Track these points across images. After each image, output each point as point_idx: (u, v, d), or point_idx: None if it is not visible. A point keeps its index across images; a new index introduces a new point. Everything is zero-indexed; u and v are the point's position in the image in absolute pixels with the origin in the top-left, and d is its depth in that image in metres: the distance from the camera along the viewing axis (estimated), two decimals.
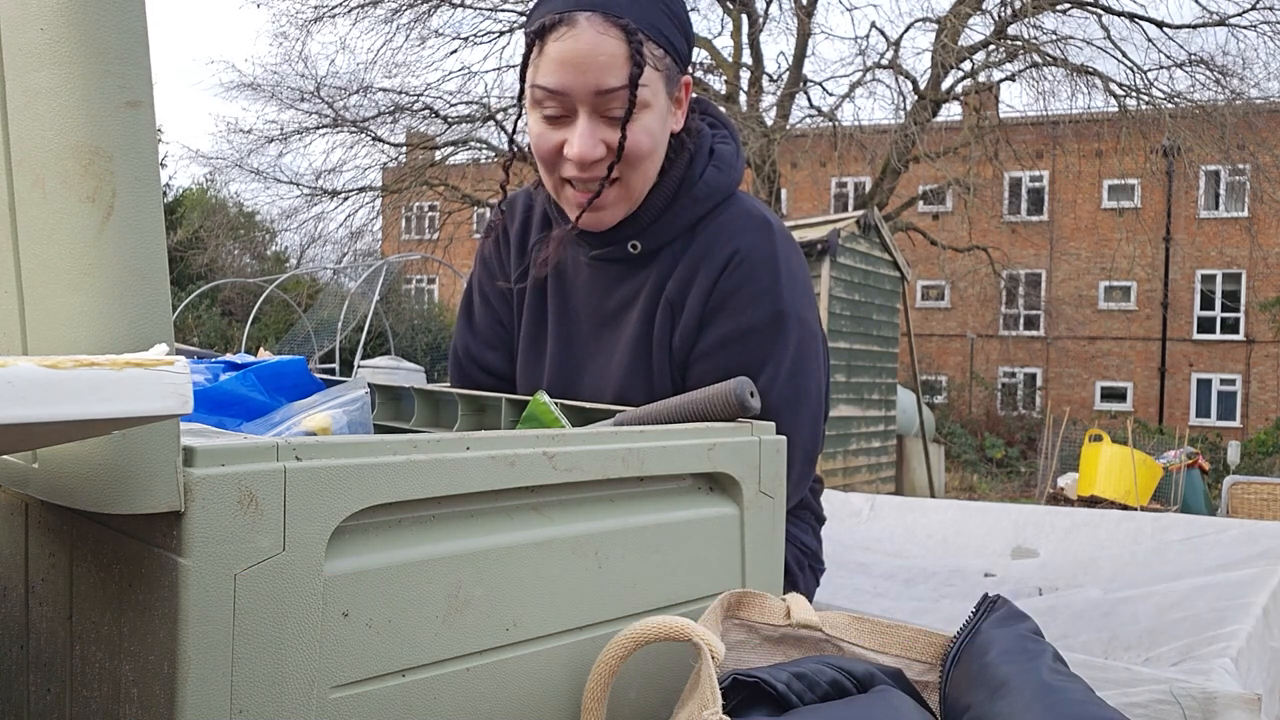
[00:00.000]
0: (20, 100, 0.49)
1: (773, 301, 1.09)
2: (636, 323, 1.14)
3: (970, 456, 14.31)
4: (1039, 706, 0.57)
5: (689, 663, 0.71)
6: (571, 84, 1.03)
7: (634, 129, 1.06)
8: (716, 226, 1.14)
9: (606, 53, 1.02)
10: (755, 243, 1.12)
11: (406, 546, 0.59)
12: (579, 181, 1.08)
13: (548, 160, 1.09)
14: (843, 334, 8.16)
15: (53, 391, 0.39)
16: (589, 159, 1.05)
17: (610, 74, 1.02)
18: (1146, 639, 1.38)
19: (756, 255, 1.11)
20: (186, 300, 12.22)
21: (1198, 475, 8.97)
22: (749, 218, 1.15)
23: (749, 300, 1.09)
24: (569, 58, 1.02)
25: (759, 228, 1.13)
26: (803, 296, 1.14)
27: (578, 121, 1.05)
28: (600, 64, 1.02)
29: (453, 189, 13.24)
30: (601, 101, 1.04)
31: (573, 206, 1.11)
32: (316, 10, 12.09)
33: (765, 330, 1.09)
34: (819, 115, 11.74)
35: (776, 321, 1.09)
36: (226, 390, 0.89)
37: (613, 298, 1.17)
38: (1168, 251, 18.22)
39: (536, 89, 1.05)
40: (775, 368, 1.08)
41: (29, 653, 0.63)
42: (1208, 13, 11.26)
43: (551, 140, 1.07)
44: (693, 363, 1.12)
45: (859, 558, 2.17)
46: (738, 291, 1.10)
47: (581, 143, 1.04)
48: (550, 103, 1.05)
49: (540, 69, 1.04)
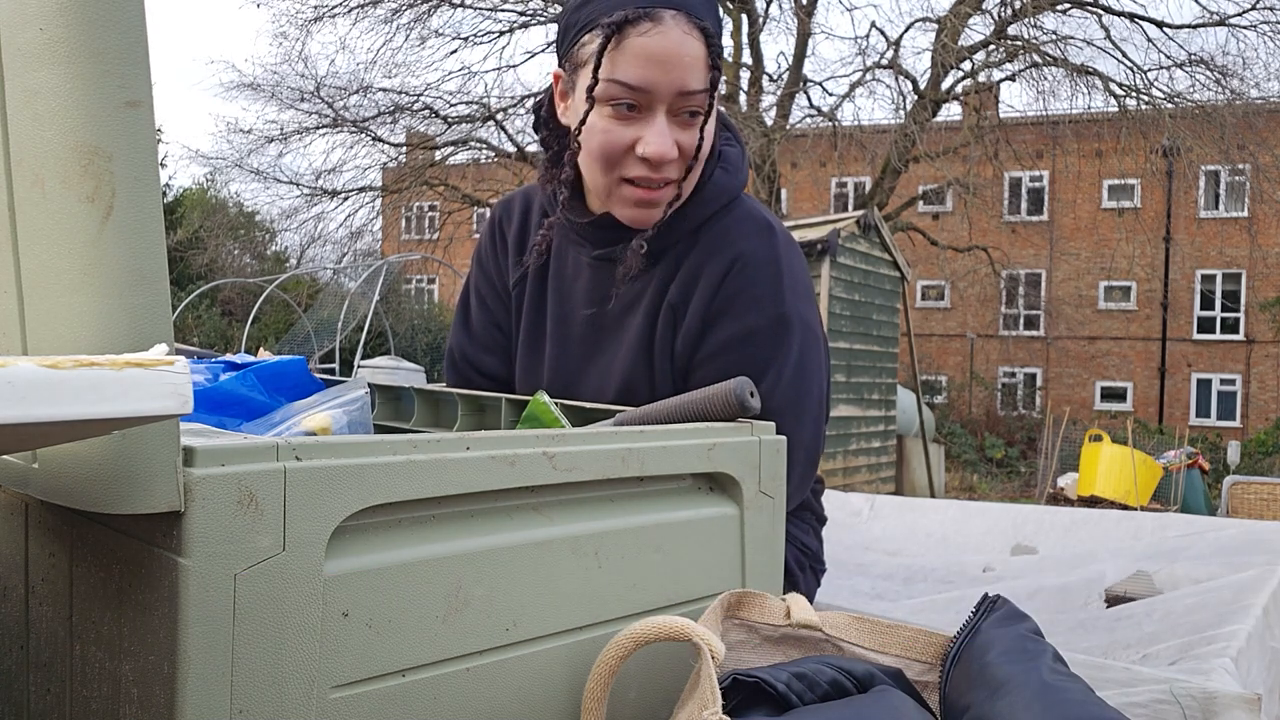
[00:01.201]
0: (20, 100, 0.49)
1: (775, 305, 1.09)
2: (639, 326, 1.14)
3: (970, 456, 14.31)
4: (1039, 706, 0.57)
5: (689, 663, 0.71)
6: (657, 81, 1.00)
7: (699, 132, 1.05)
8: (720, 230, 1.14)
9: (690, 54, 1.01)
10: (758, 247, 1.11)
11: (406, 546, 0.59)
12: (644, 180, 1.06)
13: (613, 157, 1.05)
14: (843, 334, 8.15)
15: (53, 391, 0.39)
16: (667, 158, 1.03)
17: (693, 75, 1.01)
18: (1146, 639, 1.38)
19: (759, 259, 1.10)
20: (186, 300, 12.22)
21: (1198, 475, 8.97)
22: (752, 221, 1.14)
23: (751, 303, 1.09)
24: (656, 54, 0.99)
25: (761, 231, 1.13)
26: (805, 299, 1.13)
27: (654, 120, 1.03)
28: (685, 64, 1.01)
29: (453, 189, 13.24)
30: (679, 102, 1.02)
31: (627, 204, 1.09)
32: (316, 10, 12.09)
33: (768, 333, 1.09)
34: (819, 115, 11.74)
35: (779, 325, 1.09)
36: (226, 390, 0.89)
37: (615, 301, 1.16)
38: (1168, 251, 18.22)
39: (613, 84, 1.01)
40: (778, 371, 1.08)
41: (29, 653, 0.63)
42: (1208, 13, 11.26)
43: (623, 137, 1.03)
44: (695, 367, 1.11)
45: (859, 558, 2.17)
46: (740, 295, 1.09)
47: (661, 141, 1.02)
48: (627, 99, 1.01)
49: (619, 63, 1.00)
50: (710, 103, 1.05)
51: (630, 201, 1.08)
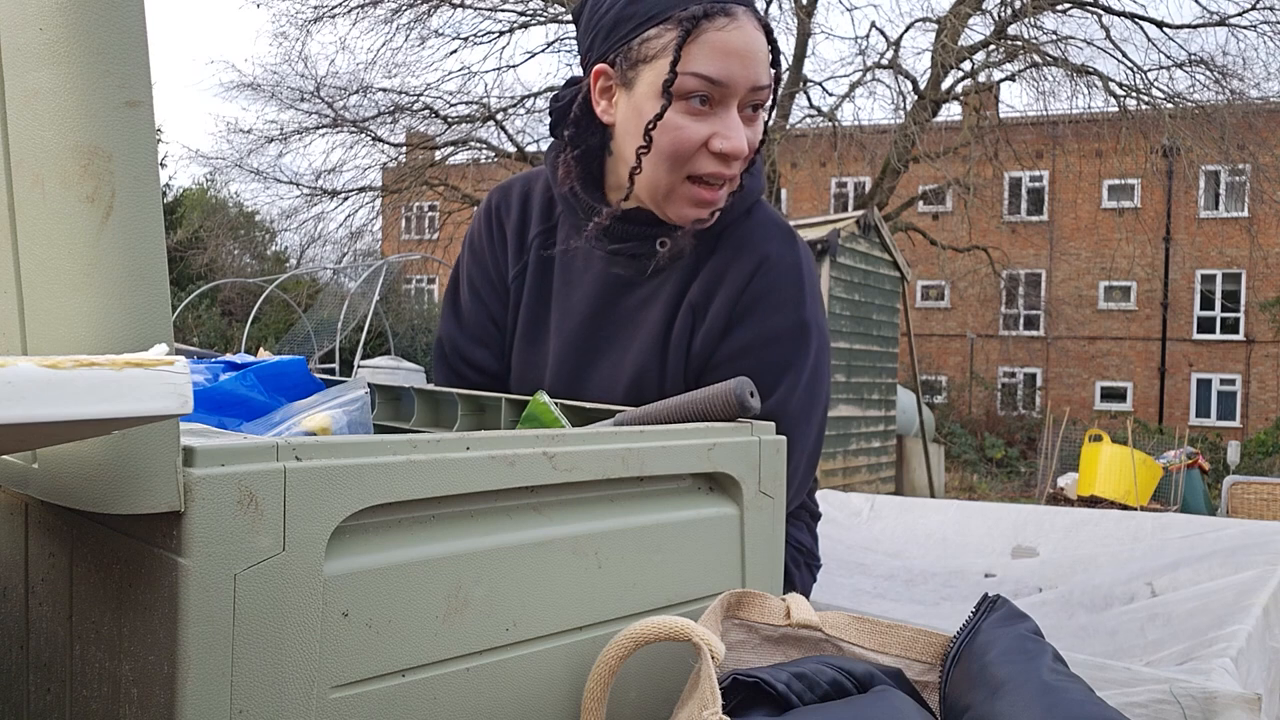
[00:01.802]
0: (20, 100, 0.49)
1: (797, 310, 1.10)
2: (655, 322, 1.13)
3: (970, 456, 14.31)
4: (1039, 706, 0.57)
5: (689, 663, 0.71)
6: (736, 75, 1.01)
7: (758, 129, 1.07)
8: (743, 232, 1.14)
9: (761, 49, 1.03)
10: (782, 251, 1.12)
11: (406, 546, 0.59)
12: (713, 177, 1.05)
13: (684, 153, 1.03)
14: (843, 334, 8.15)
15: (53, 391, 0.39)
16: (743, 153, 1.04)
17: (764, 71, 1.04)
18: (1149, 646, 1.38)
19: (784, 263, 1.11)
20: (186, 300, 12.21)
21: (1198, 475, 8.98)
22: (775, 225, 1.15)
23: (774, 308, 1.09)
24: (736, 48, 1.01)
25: (784, 237, 1.14)
26: (820, 306, 1.15)
27: (727, 115, 1.03)
28: (759, 59, 1.03)
29: (453, 189, 13.25)
30: (750, 97, 1.04)
31: (688, 202, 1.07)
32: (316, 10, 12.10)
33: (789, 338, 1.09)
34: (819, 115, 11.74)
35: (800, 330, 1.10)
36: (226, 390, 0.89)
37: (629, 296, 1.15)
38: (1168, 251, 18.22)
39: (691, 76, 1.00)
40: (796, 377, 1.09)
41: (29, 653, 0.63)
42: (1208, 13, 11.27)
43: (699, 133, 1.03)
44: (713, 367, 1.11)
45: (859, 558, 2.17)
46: (765, 299, 1.10)
47: (739, 136, 1.03)
48: (704, 92, 1.01)
49: (696, 56, 1.00)
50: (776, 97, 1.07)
51: (693, 200, 1.07)
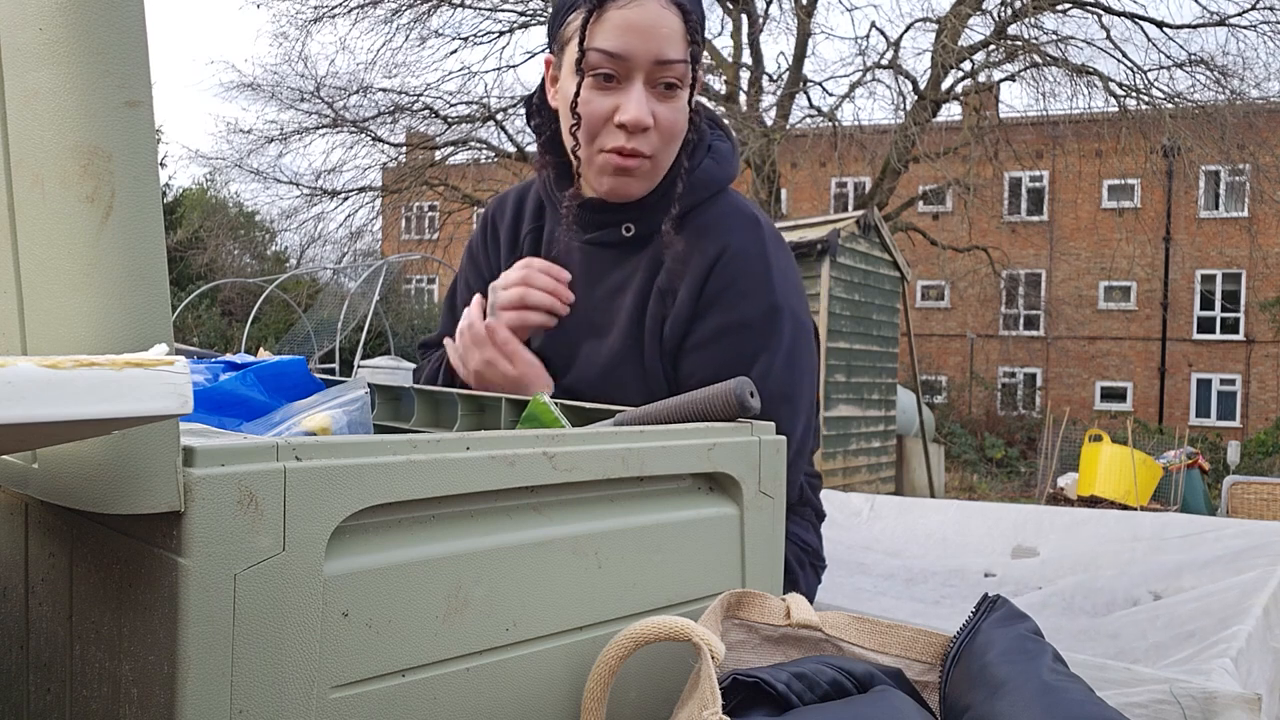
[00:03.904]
0: (20, 100, 0.49)
1: (766, 295, 1.11)
2: (629, 308, 1.16)
3: (970, 456, 14.31)
4: (1039, 706, 0.57)
5: (689, 663, 0.71)
6: (634, 49, 1.05)
7: (676, 107, 1.09)
8: (706, 220, 1.16)
9: (668, 25, 1.06)
10: (744, 240, 1.13)
11: (406, 546, 0.59)
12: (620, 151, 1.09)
13: (594, 126, 1.09)
14: (843, 334, 8.15)
15: (53, 391, 0.39)
16: (643, 124, 1.07)
17: (670, 45, 1.06)
18: (1151, 650, 1.38)
19: (747, 253, 1.13)
20: (186, 300, 12.20)
21: (1198, 475, 8.97)
22: (738, 214, 1.16)
23: (740, 296, 1.11)
24: (634, 24, 1.05)
25: (748, 225, 1.15)
26: (794, 292, 1.15)
27: (632, 89, 1.07)
28: (662, 34, 1.05)
29: (453, 189, 13.25)
30: (656, 72, 1.07)
31: (605, 172, 1.11)
32: (316, 10, 12.11)
33: (759, 323, 1.11)
34: (819, 115, 11.74)
35: (771, 315, 1.11)
36: (226, 390, 0.89)
37: (605, 282, 1.19)
38: (1168, 251, 18.22)
39: (594, 52, 1.06)
40: (769, 360, 1.10)
41: (29, 653, 0.63)
42: (1208, 13, 11.27)
43: (603, 105, 1.08)
44: (685, 353, 1.13)
45: (859, 558, 2.17)
46: (730, 288, 1.11)
47: (638, 108, 1.06)
48: (606, 67, 1.06)
49: (598, 33, 1.06)
50: (691, 77, 1.09)
51: (608, 169, 1.11)
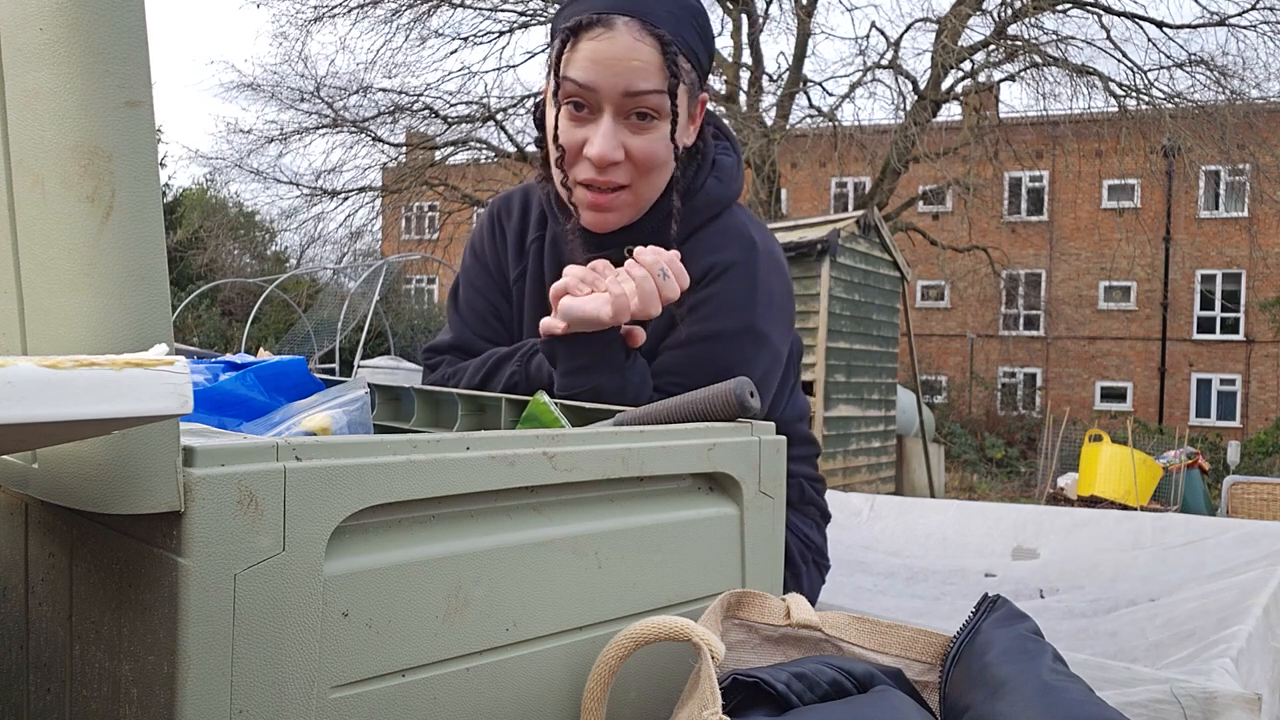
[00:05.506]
0: (20, 100, 0.49)
1: (745, 315, 1.09)
2: None
3: (970, 456, 14.31)
4: (1039, 706, 0.57)
5: (689, 663, 0.71)
6: (602, 81, 1.03)
7: (653, 138, 1.07)
8: (702, 238, 1.14)
9: (641, 58, 1.03)
10: (734, 258, 1.12)
11: (406, 546, 0.59)
12: (590, 183, 1.08)
13: (570, 157, 1.09)
14: (843, 334, 8.15)
15: (53, 391, 0.39)
16: (608, 160, 1.05)
17: (642, 78, 1.04)
18: (1151, 650, 1.38)
19: (737, 269, 1.11)
20: (186, 300, 12.20)
21: (1198, 475, 8.97)
22: (735, 234, 1.14)
23: (718, 310, 1.09)
24: (603, 56, 1.03)
25: (743, 245, 1.13)
26: (778, 319, 1.13)
27: (599, 121, 1.05)
28: (633, 68, 1.03)
29: (453, 189, 13.25)
30: (628, 103, 1.04)
31: (583, 206, 1.11)
32: (316, 10, 12.11)
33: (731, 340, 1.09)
34: (819, 115, 11.75)
35: (746, 335, 1.09)
36: (226, 390, 0.89)
37: None
38: (1168, 251, 18.22)
39: (567, 81, 1.05)
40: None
41: (29, 653, 0.63)
42: (1208, 13, 11.27)
43: (575, 138, 1.07)
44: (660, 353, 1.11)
45: (859, 557, 2.17)
46: (709, 301, 1.10)
47: (603, 143, 1.05)
48: (578, 97, 1.05)
49: (571, 64, 1.04)
50: (672, 108, 1.06)
51: (585, 204, 1.10)
